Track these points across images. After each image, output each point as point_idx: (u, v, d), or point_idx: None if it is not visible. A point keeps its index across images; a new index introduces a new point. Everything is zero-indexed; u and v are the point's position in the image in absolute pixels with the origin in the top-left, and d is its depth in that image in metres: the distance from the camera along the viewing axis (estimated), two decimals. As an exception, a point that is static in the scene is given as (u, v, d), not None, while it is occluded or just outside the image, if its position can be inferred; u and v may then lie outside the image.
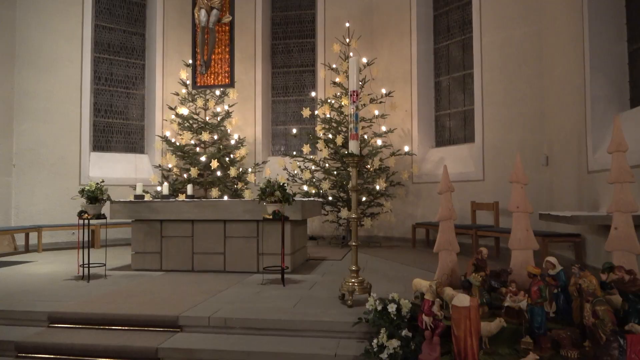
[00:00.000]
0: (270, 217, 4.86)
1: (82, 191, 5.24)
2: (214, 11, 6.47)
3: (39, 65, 8.65)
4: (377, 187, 8.34)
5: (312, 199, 6.80)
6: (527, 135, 7.29)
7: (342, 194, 8.59)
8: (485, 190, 7.83)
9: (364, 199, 8.38)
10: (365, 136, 8.73)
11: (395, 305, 3.19)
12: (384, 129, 8.79)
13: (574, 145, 5.90)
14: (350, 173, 4.12)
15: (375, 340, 3.06)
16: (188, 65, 9.19)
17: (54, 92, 8.78)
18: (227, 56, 6.64)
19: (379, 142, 8.67)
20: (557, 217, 5.04)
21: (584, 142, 5.58)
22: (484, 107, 7.96)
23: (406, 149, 8.95)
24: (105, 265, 5.68)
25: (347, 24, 9.13)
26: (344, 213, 8.24)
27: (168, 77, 9.99)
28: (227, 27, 6.64)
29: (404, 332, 3.03)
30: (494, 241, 7.10)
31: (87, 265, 5.27)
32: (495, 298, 3.51)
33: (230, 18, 6.58)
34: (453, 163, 8.28)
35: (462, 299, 2.87)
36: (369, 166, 8.44)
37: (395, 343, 2.96)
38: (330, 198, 8.53)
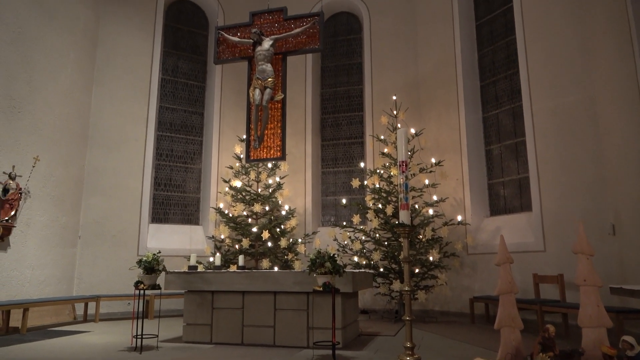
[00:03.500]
0: (321, 289, 4.78)
1: (139, 262, 5.43)
2: (267, 90, 6.88)
3: (108, 144, 9.41)
4: (431, 258, 8.07)
5: (363, 270, 6.66)
6: (589, 203, 6.93)
7: (393, 265, 8.36)
8: (547, 261, 7.38)
9: (416, 270, 8.11)
10: (416, 206, 8.62)
11: (455, 388, 2.96)
12: (435, 198, 8.67)
13: (643, 212, 5.53)
14: (402, 244, 4.04)
15: None
16: (242, 141, 9.67)
17: (120, 169, 9.44)
18: (279, 131, 6.95)
19: (431, 211, 8.52)
20: (631, 292, 4.62)
21: (653, 210, 5.23)
22: (539, 174, 7.72)
23: (459, 218, 8.71)
24: (157, 336, 5.71)
25: (394, 97, 9.39)
26: (396, 285, 7.97)
27: (223, 152, 10.53)
28: (279, 104, 7.01)
29: (466, 419, 2.78)
30: (561, 317, 6.55)
31: (140, 337, 5.33)
32: (567, 382, 3.20)
33: (283, 96, 6.97)
34: (510, 233, 7.92)
35: (529, 383, 2.63)
36: (421, 236, 8.24)
37: None
38: (381, 269, 8.32)
